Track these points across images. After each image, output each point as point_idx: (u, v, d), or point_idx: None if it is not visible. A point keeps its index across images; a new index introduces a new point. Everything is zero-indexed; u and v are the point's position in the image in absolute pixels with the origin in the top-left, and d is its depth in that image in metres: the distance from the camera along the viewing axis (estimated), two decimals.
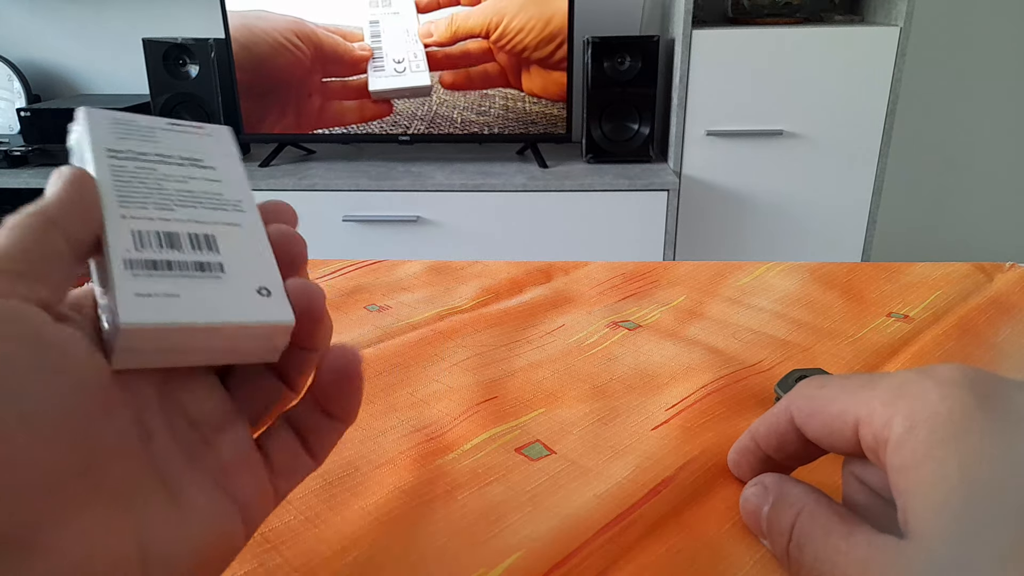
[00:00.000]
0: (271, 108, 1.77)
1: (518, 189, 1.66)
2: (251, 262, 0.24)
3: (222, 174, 0.27)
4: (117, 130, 0.26)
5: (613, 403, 0.36)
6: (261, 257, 0.25)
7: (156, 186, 0.25)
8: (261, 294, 0.24)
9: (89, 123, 0.26)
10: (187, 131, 0.27)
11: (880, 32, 1.60)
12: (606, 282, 0.52)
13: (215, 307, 0.23)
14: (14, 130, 1.94)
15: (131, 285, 0.22)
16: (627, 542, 0.27)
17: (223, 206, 0.26)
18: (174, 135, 0.27)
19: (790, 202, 1.73)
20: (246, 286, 0.24)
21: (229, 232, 0.25)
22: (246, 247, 0.25)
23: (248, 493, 0.23)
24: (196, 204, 0.25)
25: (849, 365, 0.40)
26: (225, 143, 0.28)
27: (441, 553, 0.26)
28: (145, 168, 0.25)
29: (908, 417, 0.21)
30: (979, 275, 0.51)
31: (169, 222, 0.24)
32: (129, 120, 0.26)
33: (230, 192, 0.26)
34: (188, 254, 0.24)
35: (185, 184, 0.25)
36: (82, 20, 2.04)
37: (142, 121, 0.27)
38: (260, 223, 0.26)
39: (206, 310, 0.22)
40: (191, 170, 0.26)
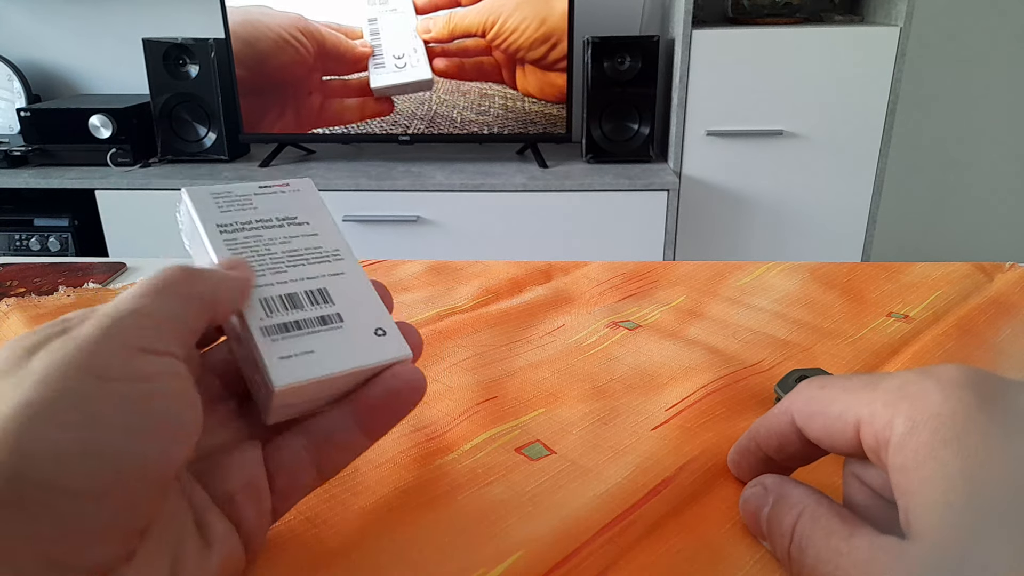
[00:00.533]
0: (271, 108, 1.77)
1: (518, 189, 1.66)
2: (362, 307, 0.27)
3: (316, 227, 0.29)
4: (219, 204, 0.29)
5: (613, 403, 0.36)
6: (368, 300, 0.28)
7: (266, 251, 0.27)
8: (378, 335, 0.27)
9: (194, 203, 0.28)
10: (276, 192, 0.30)
11: (880, 32, 1.60)
12: (606, 282, 0.52)
13: (346, 355, 0.26)
14: (14, 130, 1.94)
15: (273, 350, 0.25)
16: (627, 542, 0.27)
17: (325, 258, 0.28)
18: (266, 198, 0.30)
19: (790, 202, 1.73)
20: (365, 330, 0.27)
21: (336, 282, 0.28)
22: (354, 293, 0.28)
23: (250, 520, 0.24)
24: (303, 261, 0.28)
25: (849, 365, 0.40)
26: (311, 195, 0.30)
27: (441, 553, 0.26)
28: (252, 236, 0.28)
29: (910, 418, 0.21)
30: (979, 275, 0.51)
31: (286, 284, 0.27)
32: (226, 192, 0.29)
33: (327, 243, 0.29)
34: (309, 311, 0.26)
35: (288, 244, 0.28)
36: (82, 20, 2.04)
37: (237, 191, 0.29)
38: (359, 267, 0.29)
39: (339, 359, 0.25)
40: (289, 229, 0.29)
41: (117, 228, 1.74)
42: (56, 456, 0.17)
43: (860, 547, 0.21)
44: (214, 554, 0.22)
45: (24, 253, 1.75)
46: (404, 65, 1.72)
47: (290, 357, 0.25)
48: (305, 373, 0.24)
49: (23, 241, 1.75)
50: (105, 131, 1.76)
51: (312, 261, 0.28)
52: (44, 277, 0.53)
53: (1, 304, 0.48)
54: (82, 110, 1.75)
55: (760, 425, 0.27)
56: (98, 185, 1.70)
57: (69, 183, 1.70)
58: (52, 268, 0.55)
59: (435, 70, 1.72)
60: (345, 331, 0.26)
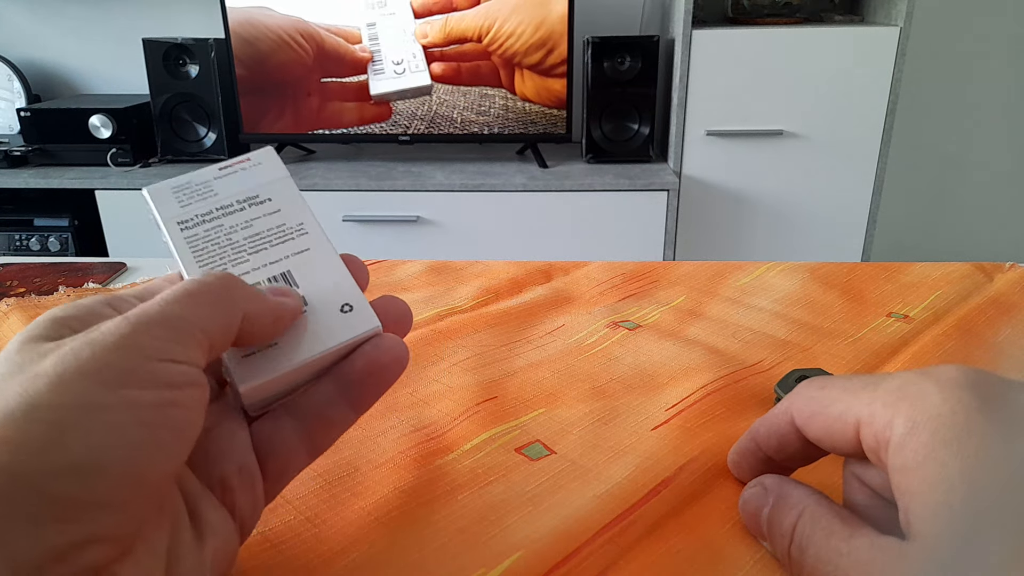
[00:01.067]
0: (271, 108, 1.77)
1: (518, 189, 1.66)
2: (327, 284, 0.27)
3: (278, 203, 0.28)
4: (179, 198, 0.28)
5: (613, 403, 0.36)
6: (335, 274, 0.27)
7: (227, 242, 0.27)
8: (344, 311, 0.26)
9: (155, 202, 0.28)
10: (236, 170, 0.29)
11: (880, 32, 1.60)
12: (606, 282, 0.52)
13: (310, 342, 0.25)
14: (14, 130, 1.94)
15: (235, 351, 0.24)
16: (627, 542, 0.27)
17: (288, 235, 0.27)
18: (226, 180, 0.28)
19: (790, 202, 1.73)
20: (331, 309, 0.26)
21: (301, 261, 0.27)
22: (319, 270, 0.27)
23: (245, 506, 0.23)
24: (265, 245, 0.27)
25: (849, 365, 0.40)
26: (272, 168, 0.29)
27: (441, 553, 0.26)
28: (213, 228, 0.27)
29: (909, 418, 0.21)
30: (979, 275, 0.51)
31: (248, 274, 0.26)
32: (186, 184, 0.28)
33: (290, 218, 0.28)
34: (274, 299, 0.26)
35: (250, 228, 0.27)
36: (82, 20, 2.04)
37: (196, 179, 0.28)
38: (324, 239, 0.28)
39: (304, 348, 0.25)
40: (250, 211, 0.28)
41: (117, 228, 1.74)
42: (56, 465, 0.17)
43: (860, 547, 0.21)
44: (207, 545, 0.21)
45: (24, 253, 1.75)
46: (403, 71, 1.72)
47: (253, 354, 0.24)
48: (270, 370, 0.24)
49: (23, 241, 1.75)
50: (105, 131, 1.76)
51: (275, 242, 0.27)
52: (44, 277, 0.53)
53: (1, 304, 0.48)
54: (82, 110, 1.76)
55: (760, 425, 0.27)
56: (98, 185, 1.70)
57: (69, 183, 1.70)
58: (52, 268, 0.55)
59: (433, 75, 1.72)
60: (309, 315, 0.25)
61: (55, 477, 0.17)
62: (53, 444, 0.17)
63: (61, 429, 0.17)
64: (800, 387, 0.26)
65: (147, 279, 0.53)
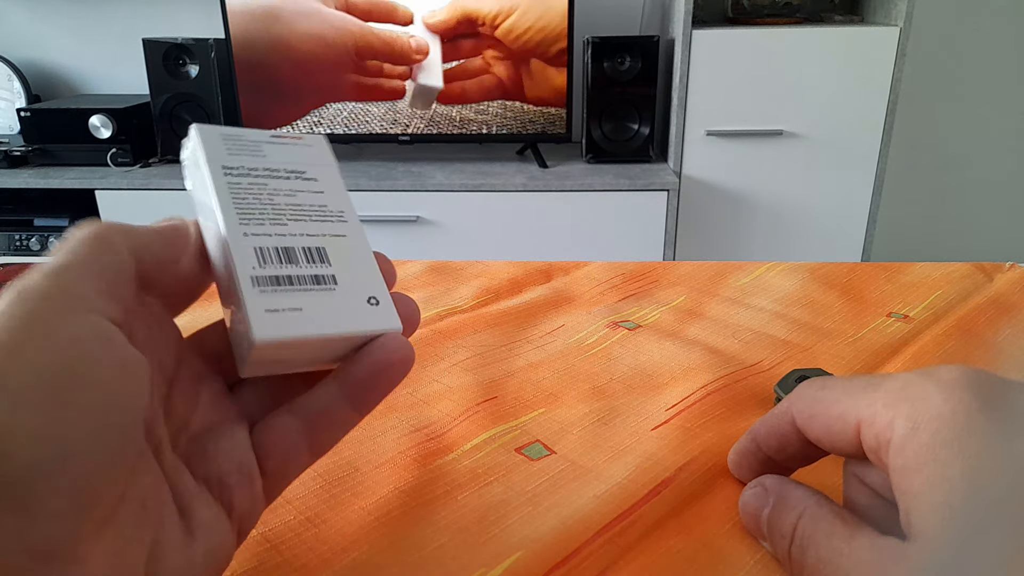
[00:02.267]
0: (271, 108, 1.77)
1: (518, 189, 1.66)
2: (359, 272, 0.26)
3: (324, 185, 0.28)
4: (228, 146, 0.27)
5: (613, 403, 0.36)
6: (366, 267, 0.27)
7: (269, 201, 0.26)
8: (371, 303, 0.26)
9: (202, 139, 0.27)
10: (288, 143, 0.28)
11: (880, 32, 1.60)
12: (606, 282, 0.51)
13: (334, 318, 0.24)
14: (14, 130, 1.94)
15: (260, 301, 0.23)
16: (627, 542, 0.27)
17: (328, 217, 0.27)
18: (278, 147, 0.28)
19: (790, 202, 1.73)
20: (358, 296, 0.26)
21: (337, 243, 0.27)
22: (353, 257, 0.26)
23: (243, 505, 0.23)
24: (305, 217, 0.27)
25: (849, 365, 0.40)
26: (323, 153, 0.29)
27: (441, 553, 0.26)
28: (257, 183, 0.26)
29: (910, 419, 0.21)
30: (979, 275, 0.51)
31: (284, 237, 0.26)
32: (238, 135, 0.28)
33: (333, 203, 0.28)
34: (304, 268, 0.25)
35: (293, 197, 0.27)
36: (82, 20, 2.04)
37: (249, 136, 0.28)
38: (362, 232, 0.27)
39: (326, 322, 0.24)
40: (297, 183, 0.27)
41: None
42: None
43: (861, 548, 0.21)
44: (199, 544, 0.21)
45: (24, 253, 1.75)
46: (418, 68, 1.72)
47: (277, 312, 0.23)
48: (290, 330, 0.23)
49: (23, 241, 1.75)
50: (105, 131, 1.76)
51: (315, 219, 0.27)
52: None
53: None
54: (82, 110, 1.76)
55: (760, 426, 0.27)
56: (98, 185, 1.70)
57: (69, 183, 1.70)
58: None
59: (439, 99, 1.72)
60: (337, 294, 0.25)
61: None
62: None
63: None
64: (800, 387, 0.26)
65: None
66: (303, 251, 0.25)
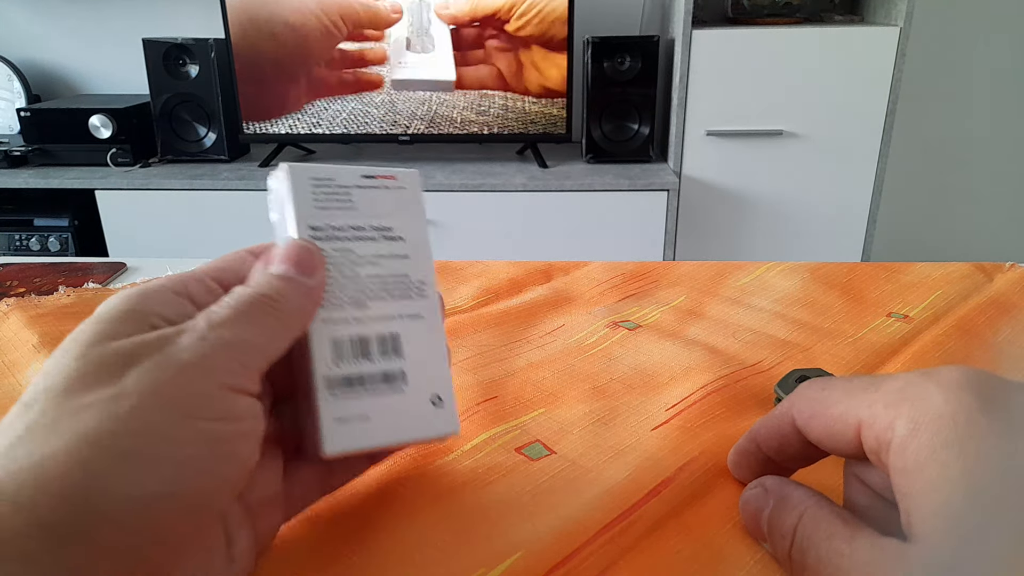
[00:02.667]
0: (271, 108, 1.77)
1: (518, 189, 1.66)
2: (428, 363, 0.27)
3: (410, 245, 0.27)
4: (317, 195, 0.26)
5: (613, 403, 0.36)
6: (435, 354, 0.27)
7: (352, 274, 0.26)
8: (434, 404, 0.27)
9: (292, 183, 0.26)
10: (380, 185, 0.27)
11: (880, 32, 1.60)
12: (606, 282, 0.51)
13: (399, 427, 0.26)
14: (14, 130, 1.94)
15: (331, 409, 0.24)
16: (627, 542, 0.27)
17: (408, 292, 0.27)
18: (368, 192, 0.27)
19: (790, 202, 1.73)
20: (423, 396, 0.26)
21: (411, 327, 0.27)
22: (424, 344, 0.27)
23: (265, 535, 0.24)
24: (385, 294, 0.26)
25: (849, 365, 0.40)
26: (414, 196, 0.28)
27: (441, 553, 0.26)
28: (342, 250, 0.26)
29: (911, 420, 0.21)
30: (979, 275, 0.51)
31: (362, 322, 0.26)
32: (328, 178, 0.26)
33: (416, 270, 0.27)
34: (377, 363, 0.26)
35: (377, 267, 0.26)
36: (82, 20, 2.04)
37: (340, 178, 0.27)
38: (437, 304, 0.27)
39: (392, 431, 0.26)
40: (382, 245, 0.27)
41: (117, 228, 1.74)
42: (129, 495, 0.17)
43: (861, 549, 0.21)
44: (236, 569, 0.22)
45: (24, 253, 1.75)
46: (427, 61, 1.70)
47: (345, 421, 0.25)
48: (356, 443, 0.25)
49: (23, 241, 1.75)
50: (105, 131, 1.76)
51: (396, 294, 0.26)
52: (44, 277, 0.53)
53: (1, 304, 0.48)
54: (82, 110, 1.76)
55: (760, 426, 0.27)
56: (98, 185, 1.70)
57: (69, 183, 1.70)
58: (52, 268, 0.55)
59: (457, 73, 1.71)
60: (405, 396, 0.26)
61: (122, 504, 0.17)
62: (126, 475, 0.17)
63: (139, 461, 0.18)
64: (801, 388, 0.26)
65: (147, 279, 0.53)
66: (378, 340, 0.26)
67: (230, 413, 0.20)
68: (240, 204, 1.70)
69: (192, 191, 1.70)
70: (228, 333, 0.21)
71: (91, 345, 0.20)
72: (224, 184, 1.70)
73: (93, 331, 0.20)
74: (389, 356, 0.26)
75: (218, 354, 0.20)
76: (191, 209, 1.71)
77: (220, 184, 1.70)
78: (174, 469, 0.18)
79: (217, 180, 1.70)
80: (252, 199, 1.70)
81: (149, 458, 0.18)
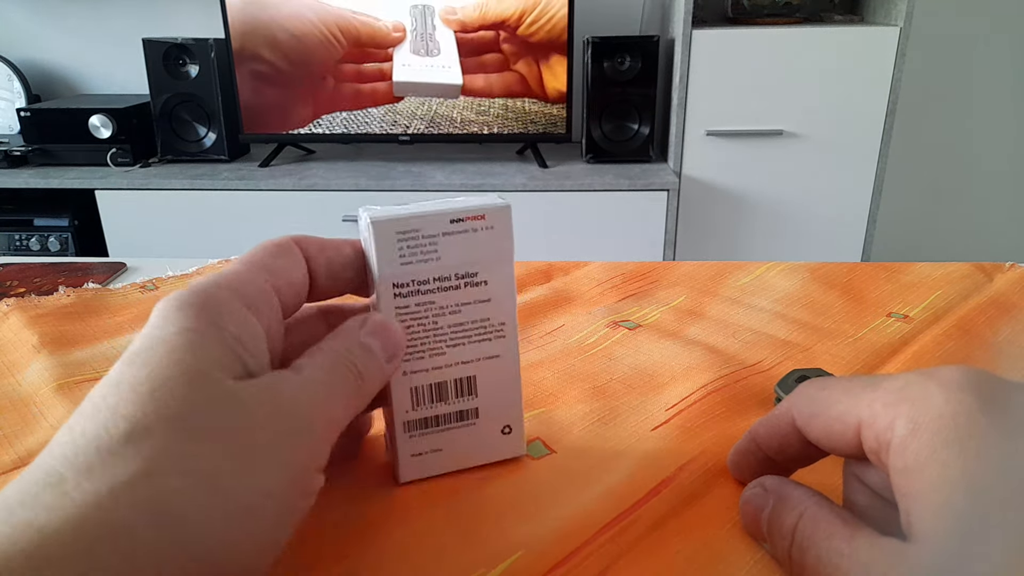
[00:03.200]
0: (271, 107, 1.77)
1: (518, 189, 1.66)
2: (501, 399, 0.28)
3: (493, 288, 0.27)
4: (402, 250, 0.26)
5: (613, 403, 0.36)
6: (510, 390, 0.28)
7: (433, 325, 0.27)
8: (504, 433, 0.28)
9: (376, 239, 0.26)
10: (467, 229, 0.26)
11: (880, 32, 1.60)
12: (606, 282, 0.52)
13: (469, 454, 0.28)
14: (14, 130, 1.94)
15: (408, 447, 0.27)
16: (627, 542, 0.27)
17: (488, 334, 0.27)
18: (454, 240, 0.26)
19: (790, 202, 1.73)
20: (494, 427, 0.28)
21: (488, 368, 0.28)
22: (500, 382, 0.28)
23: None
24: (465, 340, 0.27)
25: (849, 365, 0.40)
26: (503, 235, 0.27)
27: (441, 553, 0.26)
28: (425, 304, 0.26)
29: (911, 420, 0.21)
30: (979, 275, 0.51)
31: (440, 369, 0.27)
32: (415, 229, 0.26)
33: (497, 313, 0.28)
34: (451, 403, 0.27)
35: (458, 314, 0.27)
36: (82, 20, 2.04)
37: (427, 227, 0.26)
38: (515, 344, 0.28)
39: (463, 458, 0.28)
40: (465, 292, 0.27)
41: (117, 228, 1.74)
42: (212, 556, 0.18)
43: (861, 548, 0.21)
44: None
45: (24, 253, 1.75)
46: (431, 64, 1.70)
47: (420, 455, 0.27)
48: (428, 471, 0.28)
49: (23, 241, 1.75)
50: (105, 131, 1.76)
51: (474, 338, 0.27)
52: (44, 277, 0.53)
53: (1, 304, 0.48)
54: (82, 110, 1.76)
55: (760, 426, 0.27)
56: (98, 185, 1.70)
57: (69, 183, 1.70)
58: (52, 268, 0.55)
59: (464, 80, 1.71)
60: (476, 428, 0.28)
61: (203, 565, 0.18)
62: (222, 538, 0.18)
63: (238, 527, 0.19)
64: (801, 388, 0.26)
65: (147, 280, 0.53)
66: (455, 384, 0.27)
67: (311, 490, 0.22)
68: (240, 204, 1.70)
69: (192, 191, 1.70)
70: (337, 411, 0.22)
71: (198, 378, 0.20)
72: (224, 184, 1.70)
73: (198, 366, 0.20)
74: (464, 397, 0.27)
75: (313, 436, 0.21)
76: (191, 209, 1.71)
77: (220, 184, 1.70)
78: (257, 538, 0.19)
79: (217, 180, 1.70)
80: (252, 199, 1.70)
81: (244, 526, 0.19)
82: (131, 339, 0.44)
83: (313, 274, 0.26)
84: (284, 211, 1.70)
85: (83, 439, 0.18)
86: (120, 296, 0.50)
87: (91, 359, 0.41)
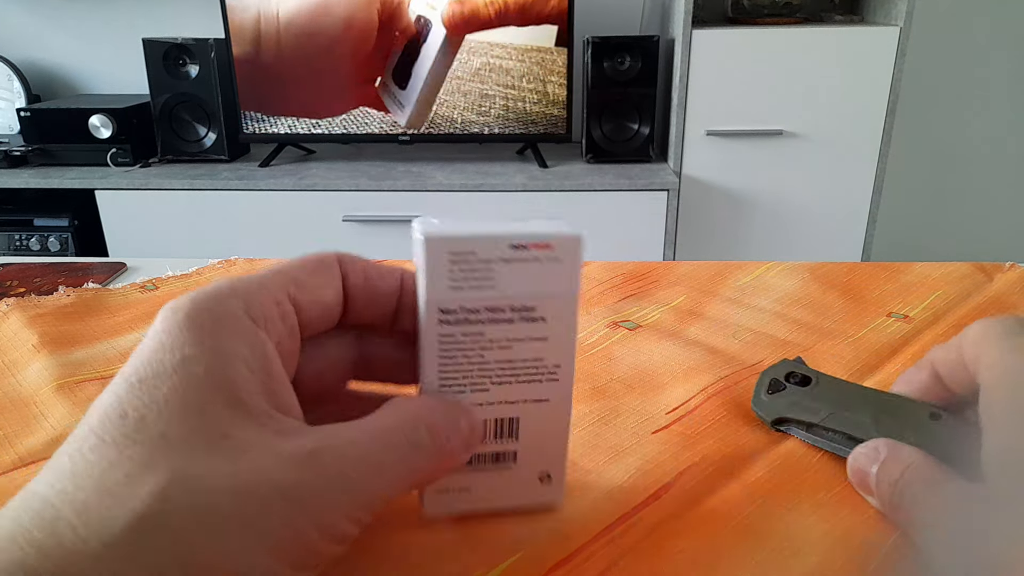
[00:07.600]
0: (271, 107, 1.77)
1: (518, 189, 1.66)
2: (544, 445, 0.26)
3: (551, 326, 0.24)
4: (454, 272, 0.23)
5: (613, 403, 0.36)
6: (557, 437, 0.26)
7: (478, 358, 0.24)
8: (542, 480, 0.26)
9: (427, 257, 0.22)
10: (530, 258, 0.23)
11: (880, 32, 1.60)
12: (606, 282, 0.51)
13: (500, 496, 0.26)
14: (14, 130, 1.94)
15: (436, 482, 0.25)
16: (627, 543, 0.27)
17: (538, 375, 0.24)
18: (514, 268, 0.23)
19: (790, 202, 1.73)
20: (531, 473, 0.26)
21: (534, 411, 0.25)
22: (544, 427, 0.25)
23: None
24: (512, 379, 0.24)
25: (849, 365, 0.40)
26: (570, 268, 0.24)
27: (441, 553, 0.26)
28: (472, 335, 0.23)
29: None
30: (979, 275, 0.51)
31: (481, 407, 0.24)
32: (471, 250, 0.23)
33: (552, 353, 0.24)
34: (489, 445, 0.25)
35: (508, 350, 0.24)
36: (82, 20, 2.04)
37: (484, 250, 0.23)
38: (569, 389, 0.25)
39: (493, 500, 0.26)
40: (519, 327, 0.24)
41: (117, 228, 1.74)
42: None
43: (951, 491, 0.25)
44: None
45: (24, 253, 1.75)
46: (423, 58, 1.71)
47: (447, 492, 0.25)
48: (454, 508, 0.26)
49: (23, 241, 1.75)
50: (105, 131, 1.76)
51: (523, 378, 0.24)
52: (44, 277, 0.53)
53: (1, 304, 0.48)
54: (82, 110, 1.76)
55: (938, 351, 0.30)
56: (98, 185, 1.70)
57: (69, 183, 1.70)
58: (52, 268, 0.55)
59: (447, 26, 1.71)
60: (512, 472, 0.26)
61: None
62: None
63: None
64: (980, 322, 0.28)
65: (147, 280, 0.53)
66: (495, 424, 0.25)
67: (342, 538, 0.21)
68: (240, 204, 1.70)
69: (192, 191, 1.70)
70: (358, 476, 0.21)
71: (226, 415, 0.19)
72: (224, 184, 1.70)
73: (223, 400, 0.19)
74: (503, 439, 0.25)
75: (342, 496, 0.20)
76: (191, 209, 1.71)
77: (220, 184, 1.70)
78: None
79: (217, 180, 1.70)
80: (252, 199, 1.70)
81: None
82: (131, 339, 0.44)
83: (350, 297, 0.25)
84: (284, 211, 1.70)
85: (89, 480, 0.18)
86: (120, 296, 0.50)
87: (91, 359, 0.41)
